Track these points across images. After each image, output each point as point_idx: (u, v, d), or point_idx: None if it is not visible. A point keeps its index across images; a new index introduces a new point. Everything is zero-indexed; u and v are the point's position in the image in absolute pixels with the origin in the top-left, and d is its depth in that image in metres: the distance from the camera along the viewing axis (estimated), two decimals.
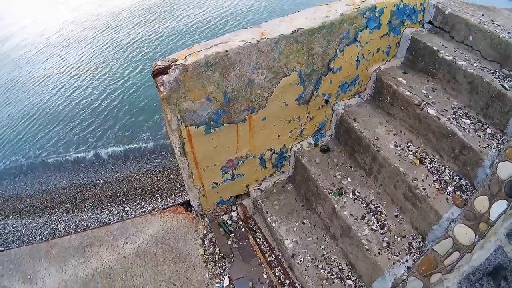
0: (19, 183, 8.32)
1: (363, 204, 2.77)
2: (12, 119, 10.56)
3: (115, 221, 5.03)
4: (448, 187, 2.43)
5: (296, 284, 2.87)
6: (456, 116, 2.58)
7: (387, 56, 3.18)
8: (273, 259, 3.08)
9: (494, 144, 2.35)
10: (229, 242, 3.22)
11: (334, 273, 2.74)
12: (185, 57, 2.37)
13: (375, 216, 2.68)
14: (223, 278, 3.01)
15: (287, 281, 2.91)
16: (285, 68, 2.71)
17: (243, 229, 3.32)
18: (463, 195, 2.36)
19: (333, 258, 2.83)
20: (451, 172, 2.52)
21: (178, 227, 3.42)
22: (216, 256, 3.16)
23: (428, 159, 2.63)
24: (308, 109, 3.12)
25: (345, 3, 2.87)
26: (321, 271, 2.75)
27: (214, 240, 3.27)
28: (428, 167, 2.58)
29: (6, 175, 8.69)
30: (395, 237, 2.55)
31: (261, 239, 3.24)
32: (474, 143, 2.35)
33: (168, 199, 6.45)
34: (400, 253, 2.47)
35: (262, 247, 3.17)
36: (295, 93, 2.93)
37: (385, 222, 2.63)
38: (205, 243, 3.27)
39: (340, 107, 3.20)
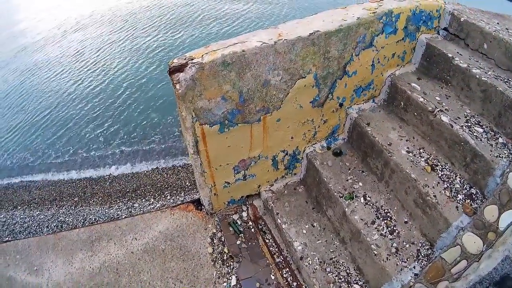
0: (28, 176, 8.46)
1: (373, 209, 2.82)
2: (26, 111, 10.74)
3: (124, 217, 5.12)
4: (459, 195, 2.47)
5: (304, 286, 2.92)
6: (469, 124, 2.61)
7: (402, 62, 3.22)
8: (281, 260, 3.14)
9: (505, 153, 2.38)
10: (238, 242, 3.28)
11: (341, 277, 2.79)
12: (202, 55, 2.42)
13: (385, 221, 2.73)
14: (230, 278, 3.07)
15: (295, 283, 2.97)
16: (301, 70, 2.75)
17: (252, 230, 3.38)
18: (473, 204, 2.40)
19: (341, 262, 2.88)
20: (462, 180, 2.56)
21: (188, 225, 3.49)
22: (225, 255, 3.23)
23: (440, 166, 2.67)
24: (322, 112, 3.16)
25: (362, 7, 2.91)
26: (328, 274, 2.81)
27: (223, 239, 3.34)
28: (440, 174, 2.62)
29: (17, 167, 8.83)
30: (404, 243, 2.60)
31: (270, 240, 3.30)
32: (486, 152, 2.38)
33: (178, 196, 6.53)
34: (408, 259, 2.51)
35: (271, 248, 3.23)
36: (310, 95, 2.98)
37: (394, 228, 2.68)
38: (214, 242, 3.34)
39: (354, 111, 3.24)
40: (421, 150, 2.82)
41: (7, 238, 6.51)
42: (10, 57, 14.79)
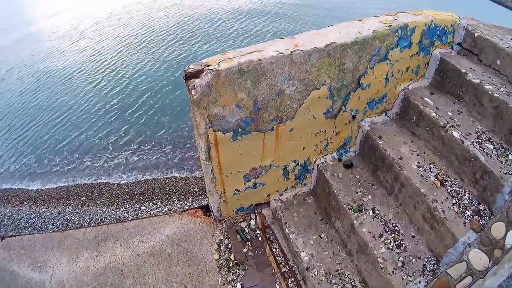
0: (37, 175, 8.59)
1: (381, 222, 2.86)
2: (39, 108, 10.92)
3: (130, 219, 5.19)
4: (467, 211, 2.50)
5: None
6: (480, 140, 2.65)
7: (416, 76, 3.26)
8: (287, 270, 3.19)
9: None
10: (244, 250, 3.34)
11: None
12: (219, 62, 2.49)
13: (393, 235, 2.77)
14: (235, 285, 3.13)
15: None
16: (316, 81, 2.81)
17: (260, 238, 3.44)
18: (480, 220, 2.43)
19: (347, 274, 2.92)
20: (471, 196, 2.59)
21: (195, 231, 3.56)
22: (231, 262, 3.28)
23: (449, 181, 2.71)
24: (335, 123, 3.22)
25: (378, 20, 2.96)
26: (334, 286, 2.85)
27: (230, 246, 3.40)
28: (449, 190, 2.66)
29: (28, 166, 8.96)
30: (410, 257, 2.63)
31: (277, 249, 3.36)
32: (496, 169, 2.41)
33: (185, 201, 6.57)
34: (414, 274, 2.54)
35: (278, 258, 3.29)
36: (324, 106, 3.03)
37: (401, 242, 2.72)
38: (221, 248, 3.40)
39: (367, 123, 3.30)
40: (431, 165, 2.85)
41: (11, 233, 6.62)
42: (27, 55, 15.09)
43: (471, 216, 2.47)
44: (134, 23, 16.12)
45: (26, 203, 7.59)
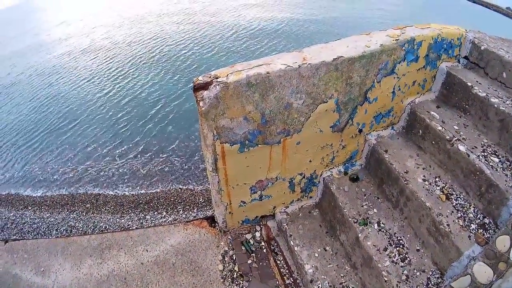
0: (43, 181, 8.68)
1: (386, 235, 2.87)
2: (49, 115, 11.09)
3: (135, 227, 5.21)
4: (472, 225, 2.51)
5: None
6: (485, 154, 2.66)
7: (422, 90, 3.28)
8: (291, 282, 3.19)
9: None
10: (249, 261, 3.35)
11: None
12: (227, 75, 2.52)
13: (397, 248, 2.78)
14: None
15: None
16: (323, 94, 2.83)
17: (264, 250, 3.45)
18: (485, 233, 2.43)
19: (351, 287, 2.92)
20: (476, 210, 2.59)
21: (200, 241, 3.58)
22: (235, 273, 3.30)
23: (455, 195, 2.72)
24: (341, 137, 3.24)
25: (386, 34, 2.99)
26: None
27: (234, 258, 3.41)
28: (454, 203, 2.66)
29: (33, 172, 9.07)
30: (415, 270, 2.64)
31: (282, 261, 3.36)
32: (501, 182, 2.42)
33: (190, 212, 6.63)
34: (418, 287, 2.54)
35: (282, 270, 3.30)
36: (331, 120, 3.06)
37: (406, 255, 2.72)
38: (225, 259, 3.42)
39: (373, 137, 3.32)
40: (437, 179, 2.87)
41: (14, 236, 6.68)
42: (38, 61, 15.40)
43: (476, 230, 2.47)
44: (146, 33, 16.42)
45: (30, 208, 7.69)
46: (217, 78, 2.50)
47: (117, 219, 6.73)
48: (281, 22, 16.52)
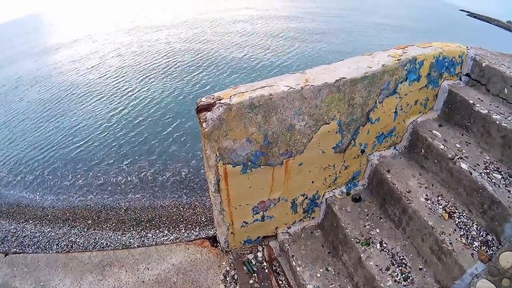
0: (45, 194, 8.70)
1: (389, 255, 2.84)
2: (59, 131, 11.26)
3: (136, 245, 5.17)
4: (475, 242, 2.48)
5: None
6: (488, 171, 2.65)
7: (424, 109, 3.30)
8: None
9: None
10: (251, 281, 3.31)
11: None
12: (230, 96, 2.55)
13: (400, 268, 2.74)
14: None
15: None
16: (325, 116, 2.85)
17: (266, 270, 3.41)
18: (488, 250, 2.41)
19: None
20: (479, 227, 2.57)
21: (202, 261, 3.55)
22: None
23: (457, 213, 2.70)
24: (344, 157, 3.24)
25: (387, 54, 3.03)
26: None
27: (236, 278, 3.37)
28: (456, 222, 2.64)
29: (35, 186, 9.10)
30: None
31: (283, 281, 3.32)
32: (503, 198, 2.41)
33: (192, 231, 6.59)
34: None
35: None
36: (333, 141, 3.06)
37: (409, 275, 2.69)
38: (227, 279, 3.38)
39: (375, 157, 3.32)
40: (439, 197, 2.85)
41: (15, 249, 6.65)
42: (51, 78, 15.70)
43: (479, 247, 2.45)
44: (155, 51, 16.67)
45: (31, 221, 7.68)
46: (220, 99, 2.52)
47: (119, 236, 6.69)
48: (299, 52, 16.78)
